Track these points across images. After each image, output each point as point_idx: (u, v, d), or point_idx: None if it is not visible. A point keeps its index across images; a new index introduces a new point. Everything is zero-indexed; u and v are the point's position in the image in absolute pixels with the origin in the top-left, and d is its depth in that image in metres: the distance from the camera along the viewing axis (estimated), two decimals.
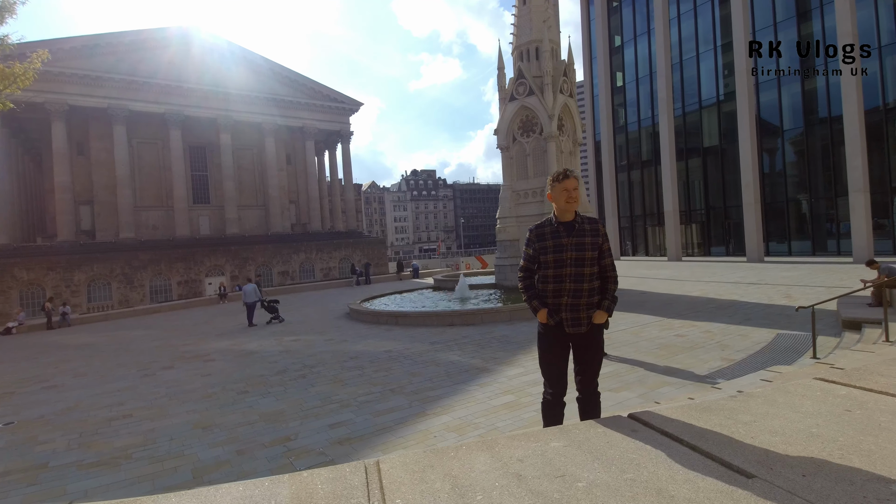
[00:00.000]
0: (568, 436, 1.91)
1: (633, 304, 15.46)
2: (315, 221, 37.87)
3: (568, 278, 2.91)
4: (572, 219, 3.04)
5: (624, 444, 1.81)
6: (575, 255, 2.91)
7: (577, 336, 2.92)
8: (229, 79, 34.44)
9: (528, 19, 19.21)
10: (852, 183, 22.72)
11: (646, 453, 1.73)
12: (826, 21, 25.62)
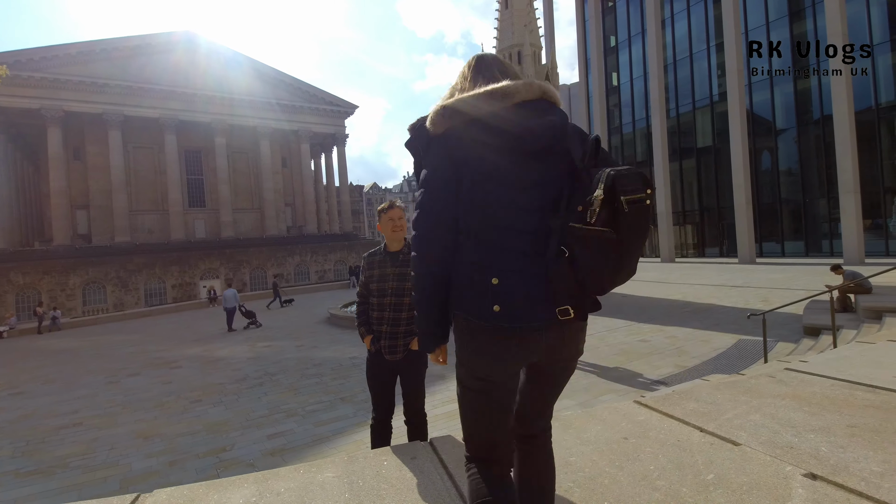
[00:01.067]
0: (351, 465, 1.95)
1: (611, 307, 15.40)
2: (310, 224, 38.08)
3: (388, 307, 3.00)
4: (399, 248, 3.10)
5: (394, 473, 1.84)
6: (395, 286, 3.00)
7: (397, 362, 3.01)
8: (224, 83, 34.70)
9: (510, 23, 19.22)
10: (842, 184, 22.48)
11: (404, 483, 1.76)
12: (818, 21, 25.39)
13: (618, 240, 1.12)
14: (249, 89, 35.37)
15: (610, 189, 1.12)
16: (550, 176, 1.28)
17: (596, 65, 37.00)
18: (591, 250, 1.14)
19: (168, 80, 33.14)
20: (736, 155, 26.86)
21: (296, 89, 37.98)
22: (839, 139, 22.68)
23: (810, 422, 1.88)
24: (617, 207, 1.11)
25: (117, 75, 32.10)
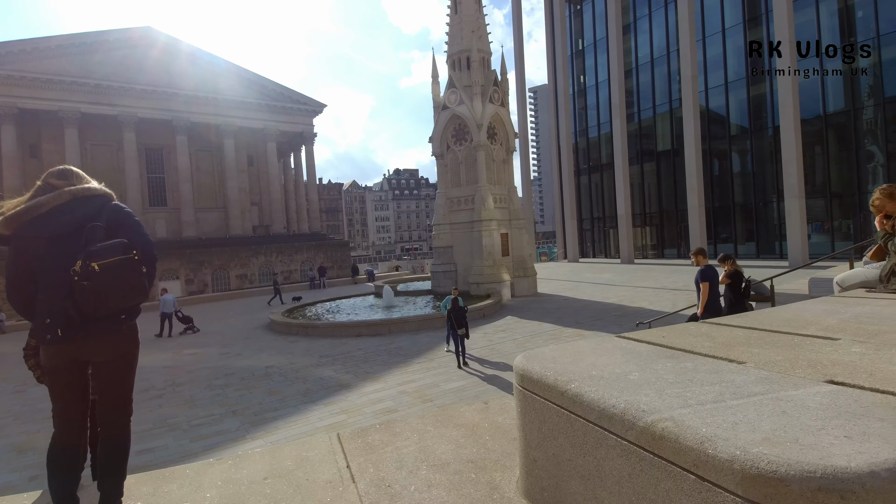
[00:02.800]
0: None
1: (547, 311, 15.73)
2: (277, 223, 37.81)
3: None
4: None
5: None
6: None
7: None
8: (185, 80, 34.17)
9: (458, 28, 19.33)
10: (788, 188, 23.18)
11: None
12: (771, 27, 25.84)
13: (92, 286, 1.87)
14: (212, 86, 34.89)
15: (85, 258, 1.90)
16: (72, 250, 1.98)
17: (561, 68, 37.36)
18: (80, 293, 1.88)
19: (127, 76, 32.52)
20: (689, 159, 27.47)
21: (261, 87, 37.58)
22: (785, 144, 23.36)
23: None
24: (91, 268, 1.87)
25: (74, 72, 31.40)
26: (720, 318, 2.47)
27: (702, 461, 1.06)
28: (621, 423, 1.30)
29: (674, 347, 1.90)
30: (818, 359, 1.59)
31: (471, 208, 19.14)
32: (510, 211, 20.37)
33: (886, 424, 1.06)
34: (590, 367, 1.69)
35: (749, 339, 1.96)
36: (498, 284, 18.08)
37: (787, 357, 1.64)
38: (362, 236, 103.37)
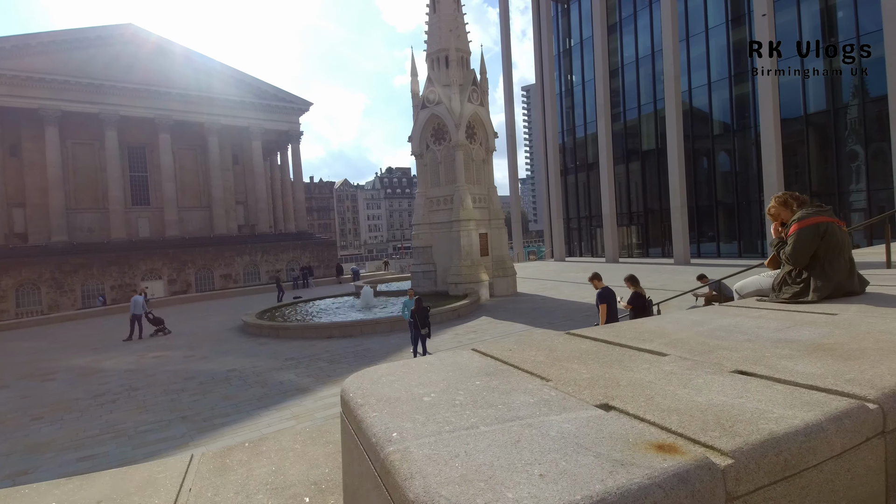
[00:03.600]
0: None
1: (523, 312, 15.70)
2: (262, 223, 37.55)
3: None
4: None
5: None
6: None
7: None
8: (169, 77, 33.83)
9: (437, 28, 19.23)
10: (767, 187, 23.28)
11: None
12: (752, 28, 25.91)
13: None
14: (196, 84, 34.56)
15: None
16: None
17: (547, 68, 37.31)
18: None
19: (109, 74, 32.13)
20: (672, 159, 27.53)
21: (246, 85, 37.28)
22: (765, 144, 23.47)
23: None
24: None
25: (55, 69, 30.97)
26: (586, 329, 2.41)
27: (397, 499, 1.00)
28: (373, 453, 1.23)
29: (507, 362, 1.84)
30: (620, 377, 1.53)
31: (449, 208, 19.07)
32: (490, 211, 20.32)
33: (598, 461, 0.99)
34: (401, 387, 1.63)
35: (588, 352, 1.91)
36: (476, 284, 18.03)
37: (594, 374, 1.58)
38: (354, 235, 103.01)
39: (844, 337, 1.91)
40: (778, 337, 1.99)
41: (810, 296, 2.76)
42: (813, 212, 2.94)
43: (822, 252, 2.82)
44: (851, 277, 2.85)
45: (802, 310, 2.58)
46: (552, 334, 2.35)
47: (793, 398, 1.29)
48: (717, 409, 1.24)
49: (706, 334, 2.08)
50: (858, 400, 1.25)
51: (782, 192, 3.21)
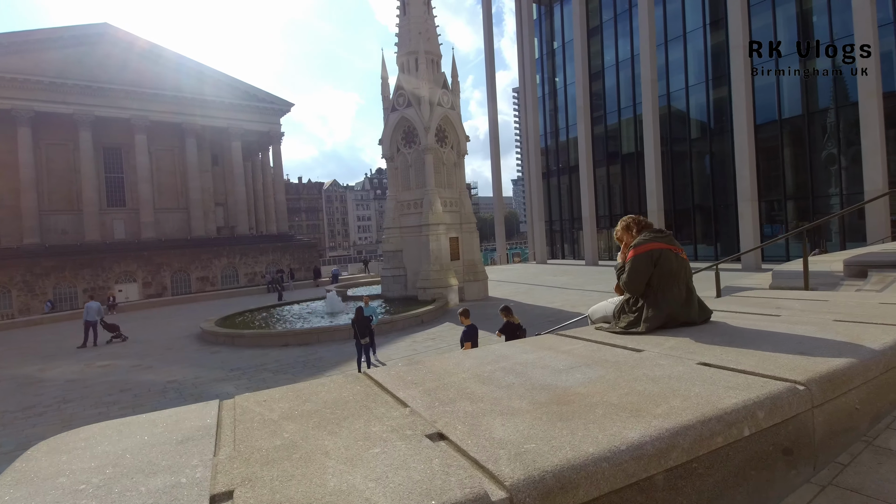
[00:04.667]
0: None
1: (488, 317, 15.51)
2: (242, 224, 37.16)
3: None
4: None
5: None
6: None
7: None
8: (146, 78, 33.41)
9: (407, 30, 19.07)
10: (741, 192, 23.36)
11: None
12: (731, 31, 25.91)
13: None
14: (174, 85, 34.15)
15: None
16: None
17: (528, 71, 37.26)
18: None
19: (84, 74, 31.65)
20: (649, 162, 27.57)
21: (225, 85, 36.89)
22: (738, 149, 23.55)
23: None
24: None
25: (28, 69, 30.46)
26: (381, 369, 2.26)
27: None
28: None
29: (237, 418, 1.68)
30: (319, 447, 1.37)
31: (419, 212, 18.92)
32: (461, 214, 20.19)
33: None
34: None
35: (339, 402, 1.75)
36: (445, 289, 17.88)
37: (286, 441, 1.42)
38: (343, 236, 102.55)
39: (605, 386, 1.77)
40: (546, 382, 1.85)
41: (641, 326, 2.64)
42: (649, 238, 2.81)
43: (656, 280, 2.69)
44: (688, 307, 2.72)
45: (617, 343, 2.45)
46: (329, 382, 2.20)
47: (424, 478, 1.13)
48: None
49: (485, 376, 1.96)
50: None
51: (627, 216, 3.08)
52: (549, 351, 2.36)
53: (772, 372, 1.80)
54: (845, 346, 2.10)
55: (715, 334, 2.49)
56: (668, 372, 1.90)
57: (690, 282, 2.81)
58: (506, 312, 7.63)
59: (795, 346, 2.16)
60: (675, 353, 2.18)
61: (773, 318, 2.85)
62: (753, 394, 1.59)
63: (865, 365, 1.90)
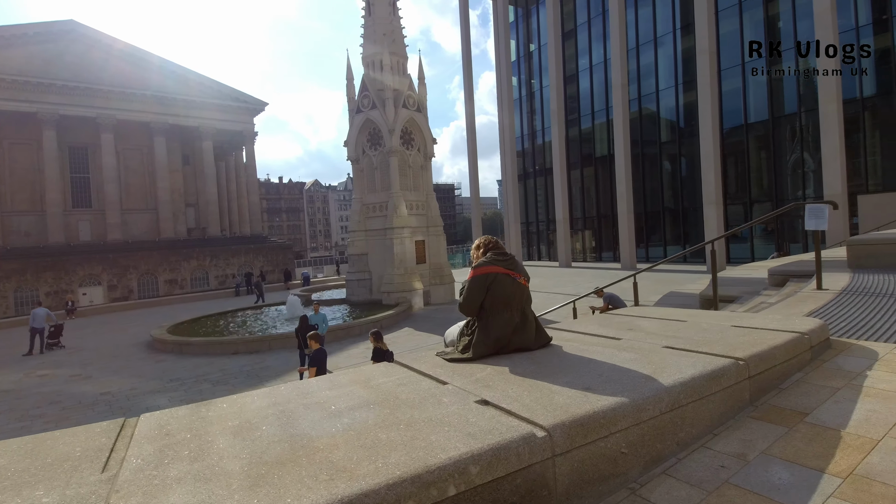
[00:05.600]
0: None
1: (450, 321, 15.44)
2: (213, 226, 36.50)
3: None
4: None
5: None
6: None
7: None
8: (113, 76, 32.62)
9: (372, 31, 18.89)
10: (706, 195, 23.67)
11: None
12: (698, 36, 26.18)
13: None
14: (142, 83, 33.37)
15: None
16: None
17: (504, 73, 37.31)
18: None
19: (48, 72, 30.74)
20: (619, 166, 27.81)
21: (197, 84, 36.16)
22: (704, 153, 23.84)
23: None
24: None
25: None
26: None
27: None
28: None
29: None
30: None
31: (385, 215, 18.75)
32: (428, 217, 20.07)
33: None
34: None
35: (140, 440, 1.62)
36: (409, 293, 17.75)
37: None
38: (325, 236, 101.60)
39: (355, 434, 1.66)
40: (303, 431, 1.75)
41: (471, 351, 2.56)
42: (488, 261, 2.74)
43: (488, 304, 2.62)
44: (522, 333, 2.65)
45: (430, 373, 2.37)
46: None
47: None
48: None
49: (249, 425, 1.86)
50: None
51: (483, 237, 3.00)
52: (356, 386, 2.25)
53: (531, 413, 1.72)
54: (639, 381, 2.03)
55: (535, 363, 2.42)
56: (442, 413, 1.81)
57: (527, 307, 2.75)
58: (375, 338, 7.27)
59: (592, 379, 2.09)
60: (472, 387, 2.09)
61: (614, 341, 2.79)
62: (477, 445, 1.50)
63: (638, 405, 1.82)
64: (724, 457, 1.85)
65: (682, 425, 1.96)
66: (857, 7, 21.27)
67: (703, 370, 2.13)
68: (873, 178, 21.52)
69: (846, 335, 3.12)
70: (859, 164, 21.61)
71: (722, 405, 2.12)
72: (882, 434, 1.87)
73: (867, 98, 21.30)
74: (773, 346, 2.48)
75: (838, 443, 1.85)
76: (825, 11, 19.78)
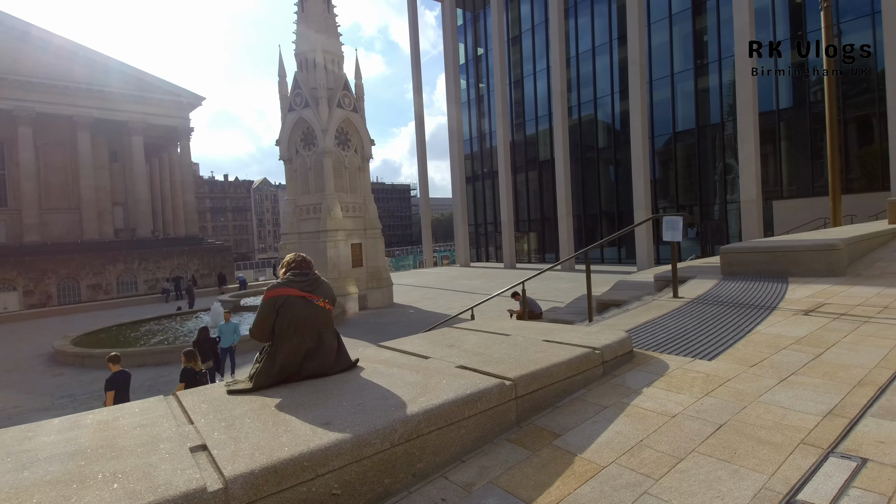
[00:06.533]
0: None
1: (379, 326, 15.33)
2: (143, 227, 34.46)
3: None
4: None
5: None
6: None
7: None
8: (32, 66, 30.12)
9: (305, 27, 18.39)
10: (636, 200, 24.67)
11: None
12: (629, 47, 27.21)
13: None
14: (65, 74, 31.00)
15: None
16: None
17: (452, 77, 37.45)
18: None
19: None
20: (559, 170, 28.55)
21: (127, 76, 33.97)
22: (634, 160, 24.82)
23: None
24: None
25: None
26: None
27: None
28: None
29: None
30: None
31: (318, 217, 18.30)
32: (366, 220, 19.78)
33: None
34: None
35: None
36: (342, 298, 17.39)
37: None
38: (275, 237, 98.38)
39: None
40: None
41: (252, 381, 2.44)
42: (282, 282, 2.63)
43: (278, 329, 2.50)
44: (316, 359, 2.55)
45: (187, 408, 2.22)
46: None
47: None
48: None
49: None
50: None
51: (290, 255, 2.88)
52: (89, 429, 2.07)
53: (232, 462, 1.62)
54: (389, 410, 1.98)
55: (315, 393, 2.33)
56: (142, 463, 1.67)
57: (325, 331, 2.64)
58: (187, 357, 6.85)
59: (346, 410, 2.02)
60: (209, 427, 1.96)
61: (421, 361, 2.76)
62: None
63: (361, 440, 1.76)
64: (453, 488, 1.82)
65: (423, 455, 1.91)
66: (775, 23, 22.89)
67: (459, 394, 2.10)
68: (787, 184, 23.18)
69: (659, 348, 3.24)
70: (775, 172, 23.23)
71: (479, 429, 2.11)
72: (609, 460, 1.90)
73: (783, 110, 22.92)
74: (553, 363, 2.51)
75: (566, 469, 1.86)
76: (744, 26, 21.08)
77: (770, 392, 2.39)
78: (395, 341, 3.30)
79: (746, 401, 2.32)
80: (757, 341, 3.24)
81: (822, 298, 4.48)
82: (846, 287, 4.97)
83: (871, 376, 2.50)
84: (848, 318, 3.70)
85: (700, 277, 6.38)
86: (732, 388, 2.47)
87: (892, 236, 8.67)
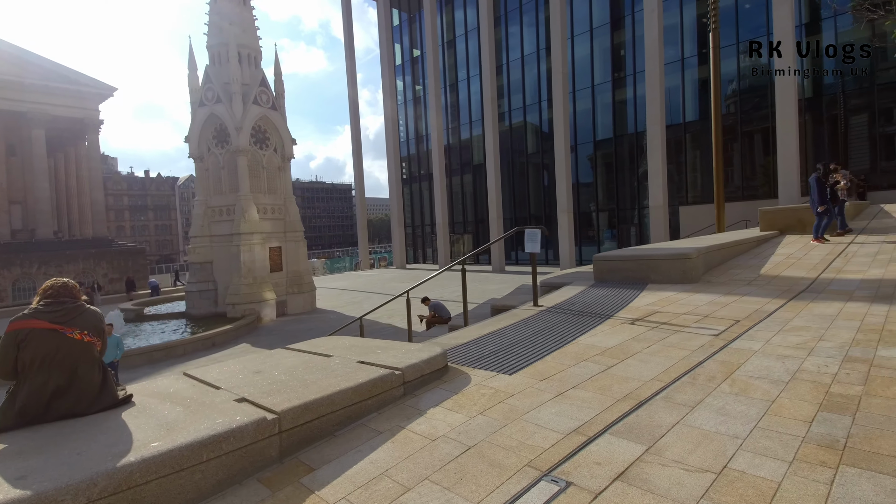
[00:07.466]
0: None
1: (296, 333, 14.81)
2: (44, 227, 31.29)
3: None
4: None
5: None
6: None
7: None
8: None
9: (218, 19, 17.48)
10: (560, 204, 25.68)
11: None
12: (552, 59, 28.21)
13: None
14: None
15: None
16: None
17: (388, 77, 37.17)
18: None
19: None
20: (490, 175, 29.14)
21: (26, 63, 30.64)
22: (557, 166, 25.80)
23: None
24: None
25: None
26: None
27: None
28: None
29: None
30: None
31: (232, 219, 17.44)
32: (286, 222, 19.10)
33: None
34: None
35: None
36: (258, 304, 16.69)
37: None
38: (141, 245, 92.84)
39: None
40: None
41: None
42: (28, 313, 2.39)
43: (21, 366, 2.29)
44: (67, 398, 2.33)
45: None
46: None
47: None
48: None
49: None
50: None
51: (49, 281, 2.66)
52: None
53: None
54: (117, 456, 1.83)
55: (51, 438, 2.13)
56: None
57: (82, 366, 2.40)
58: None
59: (65, 459, 1.86)
60: None
61: (208, 391, 2.64)
62: None
63: (44, 499, 1.61)
64: None
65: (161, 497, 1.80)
66: (683, 40, 24.63)
67: (200, 436, 2.00)
68: (692, 191, 25.02)
69: (476, 363, 3.31)
70: (681, 180, 25.03)
71: (224, 471, 2.02)
72: (340, 497, 1.88)
73: (689, 122, 24.72)
74: (338, 390, 2.49)
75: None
76: (654, 43, 22.52)
77: (539, 408, 2.50)
78: (200, 369, 3.14)
79: (511, 418, 2.40)
80: (568, 352, 3.41)
81: (658, 306, 4.82)
82: (688, 294, 5.38)
83: (639, 390, 2.68)
84: (666, 328, 3.98)
85: (574, 284, 6.69)
86: (508, 405, 2.56)
87: (756, 243, 9.57)
